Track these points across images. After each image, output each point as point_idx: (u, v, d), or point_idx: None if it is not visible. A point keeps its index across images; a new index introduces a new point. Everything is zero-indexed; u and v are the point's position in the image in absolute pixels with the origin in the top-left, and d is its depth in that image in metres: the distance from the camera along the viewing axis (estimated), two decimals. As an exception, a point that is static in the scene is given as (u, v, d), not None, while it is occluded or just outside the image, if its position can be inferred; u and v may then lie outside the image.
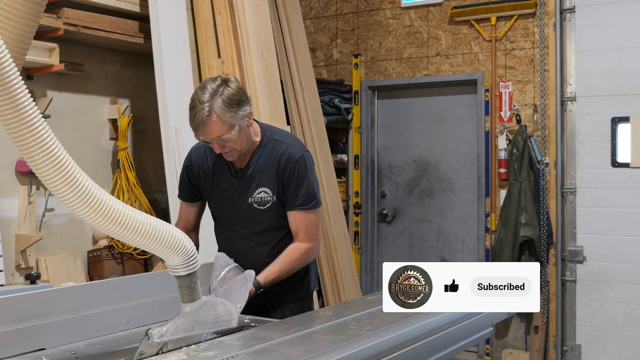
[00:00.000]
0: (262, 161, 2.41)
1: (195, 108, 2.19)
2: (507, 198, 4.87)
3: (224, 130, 2.21)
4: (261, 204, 2.41)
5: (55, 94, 4.13)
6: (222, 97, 2.20)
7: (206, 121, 2.18)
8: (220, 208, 2.48)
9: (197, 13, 4.33)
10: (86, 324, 1.91)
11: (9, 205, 3.88)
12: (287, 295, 2.50)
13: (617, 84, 4.59)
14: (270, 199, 2.41)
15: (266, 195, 2.41)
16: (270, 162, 2.41)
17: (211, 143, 2.26)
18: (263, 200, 2.41)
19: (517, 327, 5.01)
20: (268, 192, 2.41)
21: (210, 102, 2.18)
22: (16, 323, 1.74)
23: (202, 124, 2.18)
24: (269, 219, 2.43)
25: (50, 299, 1.85)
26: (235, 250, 2.44)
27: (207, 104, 2.17)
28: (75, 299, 1.90)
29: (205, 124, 2.19)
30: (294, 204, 2.41)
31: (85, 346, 1.86)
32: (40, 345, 1.80)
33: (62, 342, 1.85)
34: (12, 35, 1.67)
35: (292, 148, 2.44)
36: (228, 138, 2.24)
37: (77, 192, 1.42)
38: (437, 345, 2.01)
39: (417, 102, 5.53)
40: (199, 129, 2.20)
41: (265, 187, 2.41)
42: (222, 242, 2.58)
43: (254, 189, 2.41)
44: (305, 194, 2.41)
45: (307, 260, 2.47)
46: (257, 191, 2.41)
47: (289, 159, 2.41)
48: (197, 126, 2.20)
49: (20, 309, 1.76)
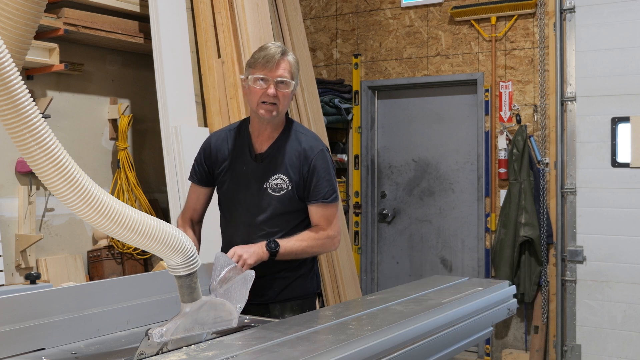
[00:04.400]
0: (283, 149, 2.45)
1: (268, 48, 2.36)
2: (507, 198, 4.88)
3: (288, 74, 2.36)
4: (276, 190, 2.44)
5: (55, 94, 4.13)
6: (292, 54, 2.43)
7: (280, 58, 2.34)
8: (233, 191, 2.49)
9: (197, 13, 4.33)
10: (86, 324, 1.91)
11: (9, 205, 3.89)
12: (289, 292, 2.51)
13: (617, 84, 4.59)
14: (285, 187, 2.43)
15: (282, 182, 2.44)
16: (292, 151, 2.45)
17: (269, 81, 2.34)
18: (278, 186, 2.44)
19: (517, 327, 5.01)
20: (285, 179, 2.44)
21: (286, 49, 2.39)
22: (16, 323, 1.74)
23: (276, 57, 2.33)
24: (280, 206, 2.44)
25: (49, 299, 1.85)
26: (240, 239, 2.43)
27: (283, 47, 2.37)
28: (75, 299, 1.90)
29: (279, 60, 2.34)
30: (316, 197, 2.44)
31: (85, 346, 1.86)
32: (40, 345, 1.80)
33: (62, 342, 1.85)
34: (12, 35, 1.66)
35: (314, 141, 2.50)
36: (287, 84, 2.36)
37: (77, 192, 1.42)
38: (437, 345, 2.01)
39: (417, 102, 5.53)
40: (271, 62, 2.32)
41: (282, 174, 2.44)
42: (226, 232, 2.57)
43: (271, 174, 2.44)
44: (326, 186, 2.44)
45: (326, 246, 2.48)
46: (273, 177, 2.44)
47: (312, 151, 2.46)
48: (270, 58, 2.32)
49: (19, 308, 1.76)
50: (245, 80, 2.41)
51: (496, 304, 2.42)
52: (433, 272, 5.39)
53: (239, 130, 2.53)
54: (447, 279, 2.72)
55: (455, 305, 2.16)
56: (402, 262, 5.60)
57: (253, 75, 2.37)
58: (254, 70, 2.37)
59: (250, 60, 2.40)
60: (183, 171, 3.92)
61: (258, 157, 2.47)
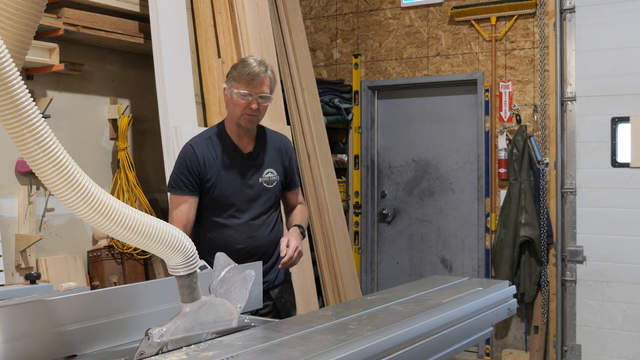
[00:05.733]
0: (265, 147, 2.77)
1: (251, 64, 2.58)
2: (507, 198, 4.88)
3: (268, 89, 2.62)
4: (269, 182, 2.76)
5: (55, 94, 4.13)
6: (270, 67, 2.65)
7: (264, 76, 2.58)
8: (230, 191, 2.68)
9: (197, 13, 4.33)
10: (117, 329, 1.82)
11: (9, 205, 3.88)
12: (281, 276, 2.82)
13: (617, 84, 4.59)
14: (275, 179, 2.78)
15: (272, 175, 2.77)
16: (273, 147, 2.80)
17: (252, 97, 2.58)
18: (270, 179, 2.76)
19: (517, 327, 5.01)
20: (274, 172, 2.77)
21: (266, 65, 2.62)
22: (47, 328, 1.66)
23: (259, 75, 2.57)
24: (273, 197, 2.79)
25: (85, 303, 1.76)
26: (248, 231, 2.69)
27: (265, 65, 2.61)
28: (109, 303, 1.82)
29: (262, 78, 2.58)
30: (295, 185, 2.90)
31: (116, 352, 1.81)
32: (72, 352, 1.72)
33: (93, 348, 1.77)
34: (12, 35, 1.66)
35: (285, 139, 2.89)
36: (267, 98, 2.62)
37: (77, 192, 1.42)
38: (437, 345, 2.01)
39: (417, 102, 5.53)
40: (256, 80, 2.56)
41: (271, 168, 2.77)
42: (221, 234, 2.69)
43: (263, 169, 2.75)
44: (298, 175, 2.96)
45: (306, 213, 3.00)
46: (265, 171, 2.75)
47: (288, 146, 2.86)
48: (255, 76, 2.56)
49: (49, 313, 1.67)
50: (229, 89, 2.63)
51: (496, 304, 2.42)
52: (433, 272, 5.39)
53: (219, 137, 2.72)
54: (447, 279, 2.72)
55: (455, 305, 2.16)
56: (402, 262, 5.60)
57: (238, 90, 2.59)
58: (239, 85, 2.59)
59: (235, 73, 2.61)
60: (183, 171, 3.92)
61: (249, 155, 2.72)
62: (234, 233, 2.68)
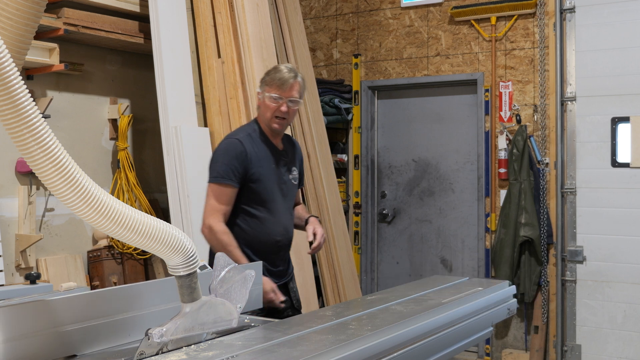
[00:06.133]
0: (287, 146, 3.01)
1: (282, 71, 2.79)
2: (507, 198, 4.87)
3: (298, 94, 2.82)
4: (295, 179, 3.00)
5: (55, 94, 4.13)
6: (301, 75, 2.87)
7: (293, 82, 2.79)
8: (270, 187, 2.87)
9: (197, 13, 4.33)
10: (117, 329, 1.82)
11: (9, 205, 3.89)
12: (291, 269, 3.06)
13: (617, 84, 4.59)
14: (297, 177, 3.02)
15: (296, 173, 3.01)
16: (291, 147, 3.04)
17: (282, 100, 2.78)
18: (295, 177, 3.00)
19: (517, 327, 5.01)
20: (296, 170, 3.02)
21: (296, 72, 2.83)
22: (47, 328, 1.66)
23: (289, 81, 2.77)
24: (295, 193, 3.03)
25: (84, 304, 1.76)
26: (278, 224, 2.88)
27: (295, 71, 2.82)
28: (109, 303, 1.82)
29: (292, 83, 2.78)
30: (302, 183, 3.15)
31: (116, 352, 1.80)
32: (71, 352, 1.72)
33: (93, 348, 1.77)
34: (12, 35, 1.66)
35: (296, 140, 3.15)
36: (296, 102, 2.82)
37: (77, 192, 1.42)
38: (437, 345, 2.01)
39: (417, 102, 5.53)
40: (286, 84, 2.77)
41: (295, 166, 3.02)
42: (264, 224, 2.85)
43: (291, 167, 2.99)
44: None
45: None
46: (292, 169, 3.00)
47: (300, 147, 3.13)
48: (285, 81, 2.76)
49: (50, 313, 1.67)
50: (261, 93, 2.84)
51: (496, 304, 2.42)
52: (433, 272, 5.39)
53: (259, 135, 2.89)
54: (447, 279, 2.73)
55: (455, 305, 2.16)
56: (402, 262, 5.60)
57: (269, 93, 2.80)
58: (270, 89, 2.80)
59: (267, 78, 2.82)
60: (183, 171, 3.92)
61: (282, 153, 2.94)
62: (272, 226, 2.86)
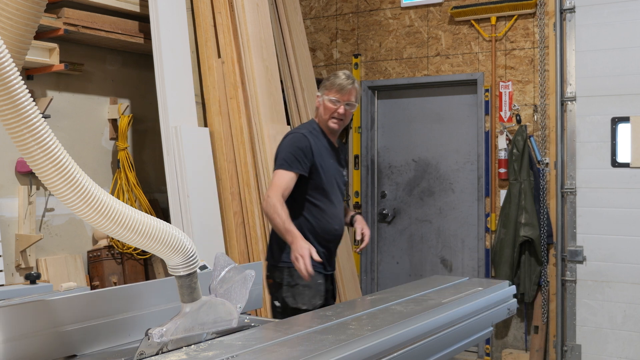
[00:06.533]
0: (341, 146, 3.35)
1: (340, 77, 3.09)
2: (507, 198, 4.87)
3: (354, 98, 3.12)
4: (345, 176, 3.30)
5: (55, 94, 4.13)
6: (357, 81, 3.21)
7: (351, 87, 3.09)
8: (330, 178, 3.13)
9: (197, 13, 4.33)
10: (117, 329, 1.82)
11: (9, 205, 3.89)
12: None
13: (617, 84, 4.59)
14: (346, 174, 3.30)
15: (345, 170, 3.30)
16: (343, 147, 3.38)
17: (340, 103, 3.08)
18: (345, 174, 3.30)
19: (517, 327, 5.01)
20: (345, 168, 3.30)
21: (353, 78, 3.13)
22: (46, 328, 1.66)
23: (347, 87, 3.07)
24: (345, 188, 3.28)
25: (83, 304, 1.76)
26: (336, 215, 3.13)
27: (352, 78, 3.12)
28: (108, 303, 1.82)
29: (350, 89, 3.08)
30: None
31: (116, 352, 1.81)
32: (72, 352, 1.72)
33: (93, 348, 1.77)
34: (12, 35, 1.66)
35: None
36: (352, 105, 3.13)
37: (77, 192, 1.42)
38: (437, 345, 2.01)
39: (417, 102, 5.53)
40: (344, 89, 3.06)
41: (344, 164, 3.31)
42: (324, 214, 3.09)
43: (343, 164, 3.28)
44: None
45: None
46: (344, 166, 3.29)
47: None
48: (344, 87, 3.06)
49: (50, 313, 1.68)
50: (321, 97, 3.14)
51: (496, 304, 2.42)
52: (433, 272, 5.39)
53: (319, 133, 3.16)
54: (447, 279, 2.73)
55: (455, 305, 2.16)
56: (402, 262, 5.60)
57: (328, 96, 3.10)
58: (329, 92, 3.10)
59: (327, 84, 3.13)
60: (183, 171, 3.92)
61: (337, 150, 3.23)
62: (333, 216, 3.12)
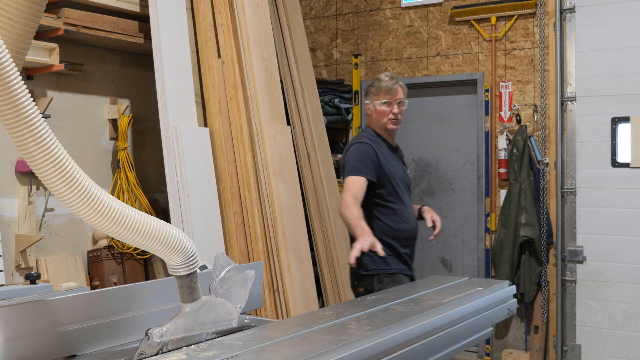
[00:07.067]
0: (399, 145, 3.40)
1: (384, 80, 3.20)
2: (507, 198, 4.87)
3: (403, 95, 3.23)
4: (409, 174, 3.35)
5: (55, 94, 4.13)
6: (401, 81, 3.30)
7: (397, 87, 3.19)
8: (399, 180, 3.21)
9: (197, 13, 4.33)
10: (117, 329, 1.82)
11: (9, 205, 3.88)
12: None
13: (617, 84, 4.59)
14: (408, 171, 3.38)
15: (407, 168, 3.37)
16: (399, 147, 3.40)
17: (392, 103, 3.18)
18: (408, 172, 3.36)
19: (517, 327, 5.01)
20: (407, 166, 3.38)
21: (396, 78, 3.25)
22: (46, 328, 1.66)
23: (394, 87, 3.18)
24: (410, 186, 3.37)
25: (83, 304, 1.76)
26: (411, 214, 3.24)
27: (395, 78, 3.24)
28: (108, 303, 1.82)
29: (397, 88, 3.19)
30: None
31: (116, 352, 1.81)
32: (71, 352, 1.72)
33: (93, 348, 1.76)
34: (12, 35, 1.66)
35: None
36: (403, 103, 3.23)
37: (77, 192, 1.42)
38: (437, 345, 2.01)
39: (417, 102, 5.53)
40: (392, 90, 3.17)
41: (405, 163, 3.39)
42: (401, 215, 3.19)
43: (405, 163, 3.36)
44: None
45: None
46: (405, 165, 3.37)
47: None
48: (391, 88, 3.17)
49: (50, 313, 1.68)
50: (371, 103, 3.23)
51: (496, 304, 2.42)
52: (433, 272, 5.38)
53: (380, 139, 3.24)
54: (447, 279, 2.72)
55: (455, 305, 2.16)
56: (402, 262, 5.59)
57: (379, 100, 3.19)
58: (378, 97, 3.20)
59: (373, 90, 3.22)
60: (183, 171, 3.92)
61: (397, 151, 3.33)
62: (408, 215, 3.22)
